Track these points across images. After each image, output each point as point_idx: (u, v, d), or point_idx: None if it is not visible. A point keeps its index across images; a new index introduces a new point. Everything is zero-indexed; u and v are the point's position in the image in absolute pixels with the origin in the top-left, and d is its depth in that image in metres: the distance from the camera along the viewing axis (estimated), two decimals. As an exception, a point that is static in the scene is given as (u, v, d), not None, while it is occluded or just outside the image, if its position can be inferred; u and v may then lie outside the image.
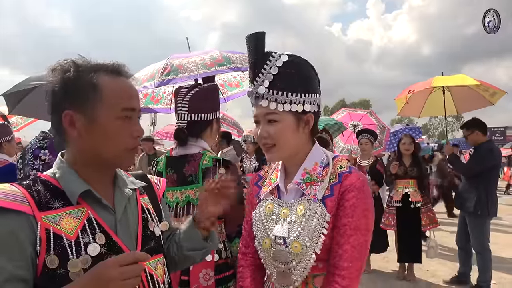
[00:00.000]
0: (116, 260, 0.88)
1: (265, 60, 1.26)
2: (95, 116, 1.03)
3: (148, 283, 1.10)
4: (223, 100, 3.48)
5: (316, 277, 1.29)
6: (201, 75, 2.14)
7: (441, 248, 6.40)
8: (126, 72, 1.12)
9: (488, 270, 4.44)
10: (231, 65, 2.43)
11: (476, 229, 4.48)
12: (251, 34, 1.28)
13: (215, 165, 1.91)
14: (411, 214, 4.87)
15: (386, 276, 5.16)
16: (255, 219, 1.39)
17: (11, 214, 0.92)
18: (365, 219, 1.25)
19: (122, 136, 1.06)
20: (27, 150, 2.50)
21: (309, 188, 1.29)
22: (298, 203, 1.30)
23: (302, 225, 1.25)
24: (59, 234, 0.95)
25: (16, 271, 0.89)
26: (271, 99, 1.25)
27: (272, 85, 1.25)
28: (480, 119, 4.66)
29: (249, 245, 1.46)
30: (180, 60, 2.50)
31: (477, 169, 4.46)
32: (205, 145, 2.02)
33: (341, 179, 1.28)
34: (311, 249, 1.23)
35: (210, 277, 1.87)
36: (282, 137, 1.28)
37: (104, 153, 1.05)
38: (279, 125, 1.27)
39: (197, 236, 1.30)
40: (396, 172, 5.00)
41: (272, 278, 1.35)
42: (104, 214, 1.06)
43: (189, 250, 1.30)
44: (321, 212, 1.25)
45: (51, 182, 1.04)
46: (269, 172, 1.49)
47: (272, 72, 1.25)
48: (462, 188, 4.73)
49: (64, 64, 1.05)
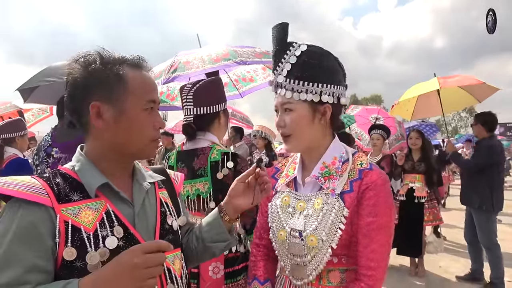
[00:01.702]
0: (141, 247, 0.88)
1: (286, 50, 1.27)
2: (123, 108, 1.03)
3: (166, 277, 1.10)
4: (238, 95, 3.48)
5: (330, 272, 1.28)
6: (207, 71, 2.15)
7: (453, 245, 6.36)
8: (146, 65, 1.13)
9: (499, 266, 4.40)
10: (236, 59, 2.43)
11: (482, 224, 4.47)
12: (275, 25, 1.30)
13: (224, 159, 1.92)
14: (414, 208, 4.87)
15: (398, 271, 5.13)
16: (270, 211, 1.39)
17: (31, 206, 0.92)
18: (388, 217, 1.24)
19: (147, 127, 1.08)
20: (40, 148, 2.54)
21: (328, 182, 1.28)
22: (316, 196, 1.30)
23: (319, 219, 1.24)
24: (77, 226, 0.95)
25: (36, 262, 0.90)
26: (288, 88, 1.26)
27: (289, 74, 1.26)
28: (495, 115, 4.61)
29: (263, 237, 1.46)
30: (187, 57, 2.51)
31: (478, 166, 4.43)
32: (214, 138, 2.03)
33: (362, 175, 1.26)
34: (327, 243, 1.23)
35: (219, 270, 1.88)
36: (297, 127, 1.28)
37: (130, 143, 1.06)
38: (294, 114, 1.27)
39: (221, 228, 1.28)
40: (404, 167, 4.99)
41: (286, 270, 1.35)
42: (122, 207, 1.06)
43: (211, 242, 1.28)
44: (339, 207, 1.24)
45: (70, 175, 1.04)
46: (286, 165, 1.48)
47: (290, 61, 1.26)
48: (467, 184, 4.70)
49: (88, 56, 1.05)
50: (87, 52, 1.06)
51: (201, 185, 1.94)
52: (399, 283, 4.73)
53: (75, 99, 1.05)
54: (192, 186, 1.96)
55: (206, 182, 1.93)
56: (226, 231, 1.29)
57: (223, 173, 1.90)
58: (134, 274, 0.85)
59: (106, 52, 1.07)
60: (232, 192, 1.28)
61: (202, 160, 1.96)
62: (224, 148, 2.04)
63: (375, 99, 53.22)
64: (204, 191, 1.93)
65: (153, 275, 0.88)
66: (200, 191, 1.94)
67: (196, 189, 1.95)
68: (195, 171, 1.97)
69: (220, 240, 1.29)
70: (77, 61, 1.05)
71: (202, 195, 1.94)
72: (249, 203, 1.26)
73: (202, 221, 1.34)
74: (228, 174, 1.90)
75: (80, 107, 1.04)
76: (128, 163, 1.14)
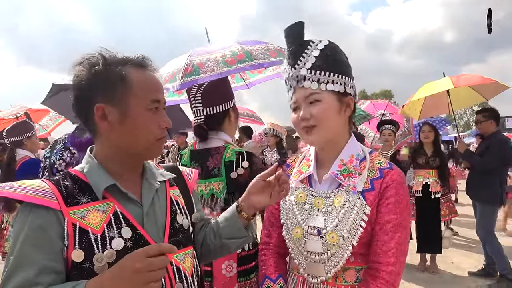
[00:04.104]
0: (142, 251, 0.89)
1: (306, 46, 1.29)
2: (126, 109, 1.04)
3: (175, 276, 1.10)
4: (245, 86, 3.46)
5: (346, 271, 1.29)
6: (223, 74, 2.16)
7: (466, 240, 6.30)
8: (151, 65, 1.13)
9: (502, 256, 4.40)
10: (253, 61, 2.42)
11: (484, 217, 4.47)
12: (291, 25, 1.31)
13: (238, 158, 1.93)
14: (431, 204, 4.84)
15: (410, 268, 5.10)
16: (284, 208, 1.39)
17: (40, 209, 0.95)
18: (406, 215, 1.27)
19: (152, 127, 1.08)
20: (59, 141, 2.59)
21: (347, 180, 1.29)
22: (335, 194, 1.30)
23: (340, 216, 1.25)
24: (85, 228, 0.97)
25: (47, 264, 0.93)
26: (313, 80, 1.27)
27: (314, 66, 1.27)
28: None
29: (272, 235, 1.46)
30: (201, 58, 2.49)
31: (494, 164, 4.39)
32: (227, 137, 2.04)
33: (383, 174, 1.28)
34: (348, 240, 1.24)
35: (232, 268, 1.89)
36: (325, 117, 1.28)
37: (135, 144, 1.07)
38: (323, 105, 1.27)
39: (238, 224, 1.29)
40: (418, 162, 4.95)
41: (301, 268, 1.34)
42: (131, 207, 1.07)
43: (228, 238, 1.29)
44: (361, 204, 1.25)
45: (80, 177, 1.05)
46: (296, 161, 1.48)
47: (314, 55, 1.27)
48: (477, 180, 4.61)
49: (92, 58, 1.06)
50: (90, 54, 1.07)
51: (216, 185, 1.96)
52: (411, 280, 4.70)
53: (81, 101, 1.07)
54: (206, 186, 1.98)
55: (220, 182, 1.94)
56: (243, 227, 1.29)
57: (238, 172, 1.91)
58: (137, 278, 0.87)
59: (109, 53, 1.08)
60: (252, 188, 1.29)
61: (217, 160, 1.97)
62: (238, 147, 2.05)
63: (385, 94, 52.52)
64: (218, 190, 1.94)
65: (155, 278, 0.89)
66: (215, 191, 1.96)
67: (210, 189, 1.97)
68: (210, 170, 1.97)
69: (237, 237, 1.30)
70: (81, 63, 1.06)
71: (216, 194, 1.95)
72: (266, 202, 1.27)
73: (220, 216, 1.35)
74: (243, 173, 1.91)
75: (86, 109, 1.06)
76: (136, 163, 1.14)
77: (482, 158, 4.57)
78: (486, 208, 4.47)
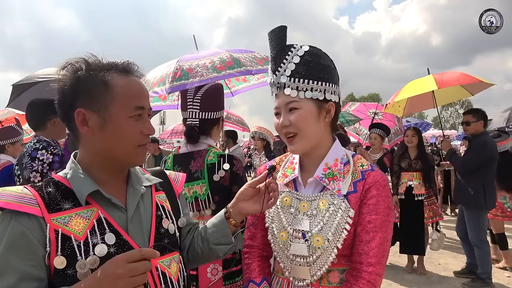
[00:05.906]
0: (123, 257, 0.88)
1: (287, 51, 1.29)
2: (107, 115, 1.03)
3: (160, 282, 1.08)
4: (230, 94, 3.48)
5: (330, 272, 1.30)
6: (212, 79, 2.17)
7: (453, 242, 6.36)
8: (136, 71, 1.12)
9: (487, 262, 4.43)
10: (241, 68, 2.45)
11: (472, 221, 4.48)
12: (273, 29, 1.31)
13: (220, 161, 1.95)
14: (414, 206, 4.91)
15: (397, 269, 5.14)
16: (269, 211, 1.38)
17: (22, 216, 0.93)
18: (388, 216, 1.27)
19: (133, 134, 1.06)
20: (24, 155, 2.49)
21: (332, 183, 1.30)
22: (320, 197, 1.30)
23: (325, 220, 1.25)
24: (68, 235, 0.96)
25: (29, 271, 0.91)
26: (292, 87, 1.27)
27: (293, 73, 1.27)
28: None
29: (255, 237, 1.45)
30: (190, 63, 2.51)
31: (475, 162, 4.40)
32: (212, 142, 2.07)
33: (365, 176, 1.30)
34: (333, 243, 1.24)
35: (218, 272, 1.89)
36: (304, 125, 1.28)
37: (116, 151, 1.06)
38: (301, 112, 1.28)
39: (226, 230, 1.28)
40: (401, 165, 5.03)
41: (286, 272, 1.34)
42: (115, 213, 1.05)
43: (216, 244, 1.28)
44: (345, 207, 1.26)
45: (63, 183, 1.04)
46: (281, 164, 1.49)
47: (294, 61, 1.27)
48: (460, 182, 4.67)
49: (75, 63, 1.05)
50: (74, 59, 1.06)
51: (199, 188, 1.96)
52: (398, 281, 4.73)
53: (64, 106, 1.06)
54: (189, 189, 1.98)
55: (203, 184, 1.95)
56: (231, 234, 1.29)
57: (219, 175, 1.93)
58: (118, 284, 0.86)
59: (94, 58, 1.07)
60: (241, 195, 1.28)
61: (199, 163, 1.99)
62: (220, 150, 2.07)
63: (373, 97, 53.17)
64: (201, 193, 1.95)
65: (138, 284, 0.88)
66: (198, 193, 1.96)
67: (193, 192, 1.97)
68: (192, 173, 1.98)
69: (224, 243, 1.29)
70: (65, 68, 1.06)
71: (199, 197, 1.96)
72: (255, 210, 1.26)
73: (208, 222, 1.34)
74: (224, 175, 1.93)
75: (68, 114, 1.05)
76: (119, 168, 1.13)
77: (463, 157, 4.63)
78: (472, 213, 4.47)
